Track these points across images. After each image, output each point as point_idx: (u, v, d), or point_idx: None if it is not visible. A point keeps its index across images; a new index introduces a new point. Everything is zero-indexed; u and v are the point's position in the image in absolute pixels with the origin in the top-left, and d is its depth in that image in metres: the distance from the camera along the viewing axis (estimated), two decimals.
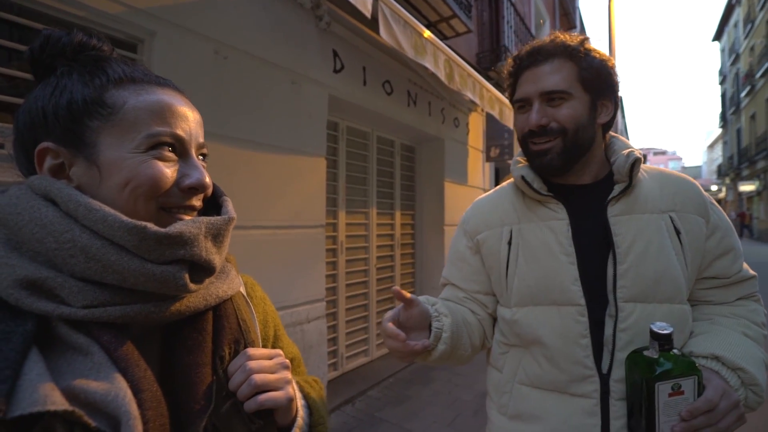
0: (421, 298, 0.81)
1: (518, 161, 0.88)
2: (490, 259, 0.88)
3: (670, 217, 0.77)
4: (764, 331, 0.78)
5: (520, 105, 0.83)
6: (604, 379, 0.73)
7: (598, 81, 0.79)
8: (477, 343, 0.88)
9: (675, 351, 0.66)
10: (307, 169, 2.68)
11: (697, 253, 0.77)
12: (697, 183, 0.84)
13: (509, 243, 0.85)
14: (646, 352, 0.67)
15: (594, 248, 0.78)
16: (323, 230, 2.84)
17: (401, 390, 3.19)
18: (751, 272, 0.83)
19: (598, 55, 0.80)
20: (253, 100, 2.30)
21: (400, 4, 2.90)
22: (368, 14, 2.17)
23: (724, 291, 0.81)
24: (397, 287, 0.71)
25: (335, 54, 2.91)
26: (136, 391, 0.38)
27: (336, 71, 2.91)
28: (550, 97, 0.78)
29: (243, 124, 2.22)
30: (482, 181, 5.44)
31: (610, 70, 0.81)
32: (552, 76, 0.78)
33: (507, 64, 0.88)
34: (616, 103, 0.84)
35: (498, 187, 0.97)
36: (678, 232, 0.76)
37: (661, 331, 0.64)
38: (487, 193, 0.98)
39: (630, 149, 0.80)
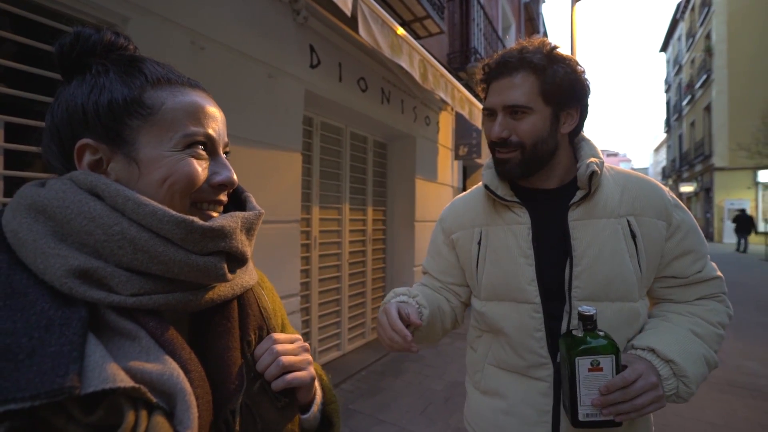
0: (403, 290, 0.91)
1: (489, 166, 0.93)
2: (464, 256, 0.97)
3: (628, 221, 0.82)
4: (718, 330, 0.82)
5: (488, 113, 0.88)
6: (557, 367, 0.82)
7: (560, 93, 0.82)
8: (448, 326, 0.99)
9: (600, 332, 0.72)
10: (284, 163, 2.66)
11: (655, 255, 0.83)
12: (661, 186, 0.87)
13: (479, 243, 0.92)
14: (574, 331, 0.74)
15: (555, 250, 0.84)
16: (298, 225, 2.84)
17: (374, 382, 3.26)
18: (716, 273, 0.86)
19: (564, 66, 0.82)
20: (230, 93, 2.26)
21: (376, 2, 2.92)
22: (348, 12, 2.19)
23: (683, 290, 0.86)
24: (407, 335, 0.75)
25: (312, 49, 2.90)
26: (185, 371, 0.41)
27: (312, 66, 2.90)
28: (513, 110, 0.82)
29: None
30: (451, 179, 5.59)
31: (575, 81, 0.83)
32: (515, 90, 0.81)
33: (478, 71, 0.92)
34: (583, 109, 0.87)
35: (474, 187, 1.04)
36: (634, 236, 0.81)
37: (585, 313, 0.71)
38: (464, 194, 1.05)
39: (592, 159, 0.84)
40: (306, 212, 3.35)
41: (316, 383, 0.60)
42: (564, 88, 0.82)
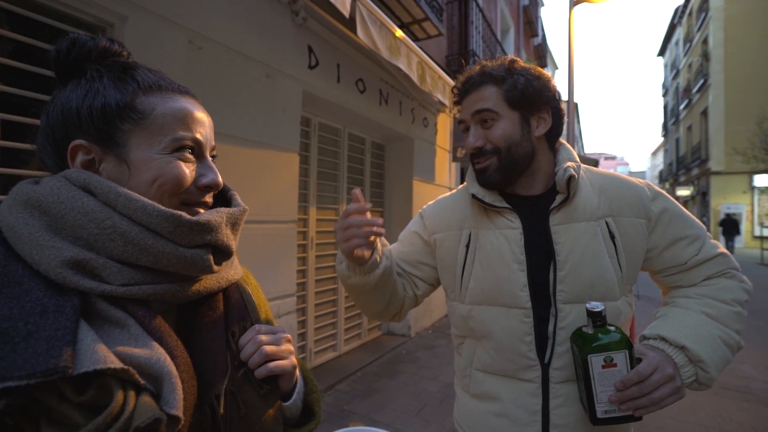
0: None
1: (473, 175, 0.94)
2: (446, 258, 0.96)
3: (606, 223, 0.84)
4: (734, 307, 0.80)
5: (463, 128, 0.92)
6: (545, 368, 0.83)
7: (524, 98, 0.85)
8: (392, 303, 0.95)
9: (610, 327, 0.71)
10: (281, 164, 2.67)
11: (636, 252, 0.85)
12: (637, 183, 0.89)
13: (467, 246, 0.92)
14: (584, 328, 0.74)
15: (540, 255, 0.85)
16: (295, 225, 2.84)
17: (369, 383, 3.26)
18: (718, 250, 0.85)
19: (524, 75, 0.86)
20: (228, 93, 2.27)
21: (375, 4, 2.93)
22: (347, 14, 2.20)
23: (687, 275, 0.86)
24: (358, 190, 0.78)
25: (310, 50, 2.91)
26: (172, 357, 0.43)
27: (311, 67, 2.91)
28: (482, 118, 0.85)
29: (217, 116, 2.18)
30: (449, 181, 5.61)
31: (539, 86, 0.86)
32: (480, 100, 0.86)
33: (450, 96, 0.98)
34: (556, 113, 0.88)
35: (461, 186, 1.02)
36: (613, 237, 0.83)
37: (593, 309, 0.70)
38: (451, 193, 1.05)
39: (569, 163, 0.86)
40: (303, 213, 3.36)
41: (298, 373, 0.63)
42: (527, 93, 0.85)
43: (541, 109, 0.87)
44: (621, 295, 0.85)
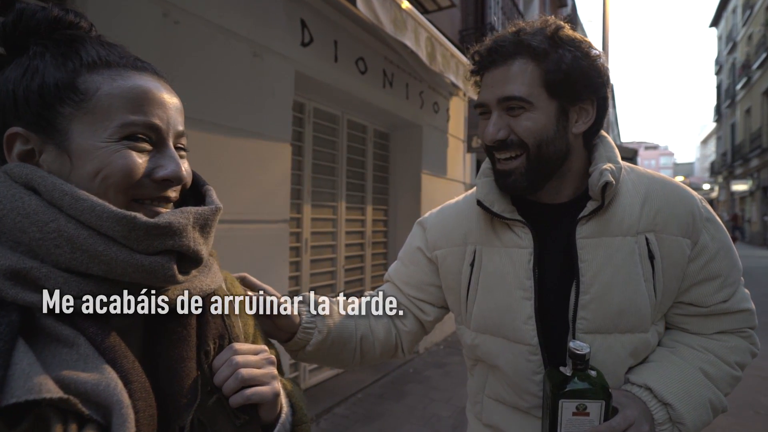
0: (308, 299, 0.83)
1: (486, 174, 0.89)
2: (450, 278, 0.93)
3: (646, 239, 0.79)
4: (735, 372, 0.82)
5: (481, 111, 0.84)
6: None
7: (568, 83, 0.77)
8: (372, 356, 0.93)
9: (592, 372, 0.73)
10: (270, 155, 2.68)
11: (675, 278, 0.80)
12: (692, 195, 0.84)
13: (472, 264, 0.89)
14: (562, 368, 0.75)
15: (559, 273, 0.82)
16: (287, 226, 2.86)
17: (372, 406, 3.27)
18: (746, 305, 0.83)
19: (572, 49, 0.77)
20: (208, 74, 2.28)
21: None
22: None
23: (701, 321, 0.84)
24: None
25: (303, 24, 2.92)
26: (126, 382, 0.43)
27: (304, 44, 2.92)
28: (509, 106, 0.78)
29: (195, 100, 2.20)
30: (463, 174, 5.59)
31: (588, 67, 0.78)
32: (510, 81, 0.77)
33: (465, 73, 0.90)
34: (601, 104, 0.82)
35: (468, 192, 0.99)
36: (652, 257, 0.79)
37: (577, 351, 0.71)
38: (456, 200, 1.01)
39: (607, 165, 0.79)
40: (296, 211, 3.37)
41: (284, 401, 0.62)
42: (573, 76, 0.77)
43: (585, 98, 0.80)
44: (652, 325, 0.82)
